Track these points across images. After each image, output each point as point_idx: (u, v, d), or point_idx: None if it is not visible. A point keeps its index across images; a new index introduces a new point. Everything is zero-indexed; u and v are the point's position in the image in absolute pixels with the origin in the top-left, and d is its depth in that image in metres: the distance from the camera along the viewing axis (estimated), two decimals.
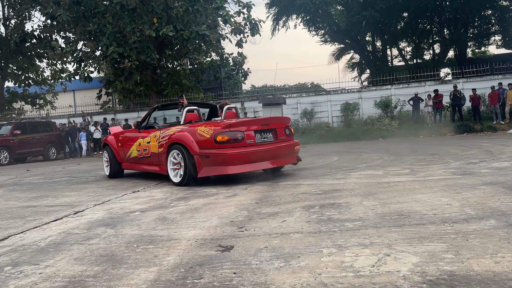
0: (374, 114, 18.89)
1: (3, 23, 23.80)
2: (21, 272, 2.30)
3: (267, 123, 5.88)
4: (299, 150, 6.34)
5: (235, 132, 5.42)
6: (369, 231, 2.69)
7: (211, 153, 5.33)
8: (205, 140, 5.40)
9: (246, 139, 5.46)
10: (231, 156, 5.29)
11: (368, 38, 29.44)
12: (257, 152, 5.47)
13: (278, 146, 5.78)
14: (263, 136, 5.74)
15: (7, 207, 4.81)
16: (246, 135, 5.46)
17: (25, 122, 18.70)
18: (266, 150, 5.58)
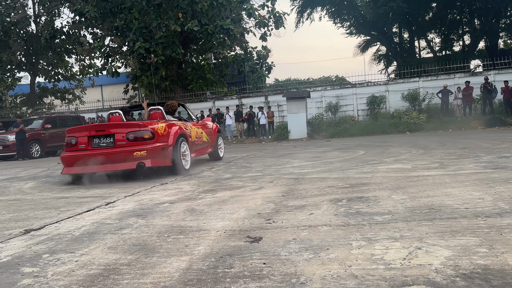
0: (401, 107, 18.54)
1: (34, 20, 24.51)
2: (58, 260, 2.39)
3: (102, 129, 6.24)
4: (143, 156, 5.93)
5: (69, 137, 6.28)
6: (399, 224, 2.67)
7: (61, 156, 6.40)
8: None
9: (78, 144, 6.17)
10: (63, 159, 6.29)
11: (395, 29, 28.87)
12: (87, 156, 6.01)
13: (112, 151, 6.02)
14: (101, 141, 6.16)
15: (41, 198, 4.99)
16: (79, 140, 6.17)
17: (55, 116, 19.25)
18: (97, 155, 6.00)
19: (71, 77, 27.27)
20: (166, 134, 6.26)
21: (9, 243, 2.85)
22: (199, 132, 7.70)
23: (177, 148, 6.37)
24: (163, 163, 6.17)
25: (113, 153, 5.97)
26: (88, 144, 6.13)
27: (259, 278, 1.90)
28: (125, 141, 6.03)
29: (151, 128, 6.06)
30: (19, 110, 25.81)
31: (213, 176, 6.03)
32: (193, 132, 7.37)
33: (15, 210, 4.21)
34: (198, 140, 7.55)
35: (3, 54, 22.76)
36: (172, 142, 6.28)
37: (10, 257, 2.49)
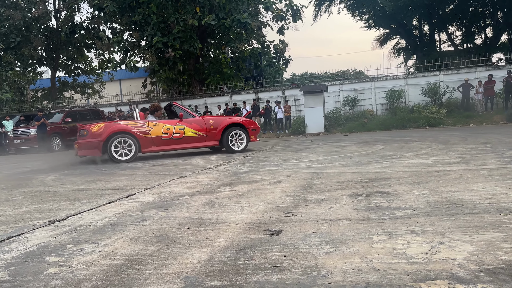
0: (421, 102, 18.27)
1: (54, 16, 24.91)
2: (82, 250, 2.45)
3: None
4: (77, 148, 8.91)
5: None
6: (421, 219, 2.64)
7: None
8: None
9: None
10: None
11: (415, 22, 28.37)
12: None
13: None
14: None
15: (63, 190, 5.10)
16: None
17: (75, 110, 19.60)
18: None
19: (90, 71, 27.69)
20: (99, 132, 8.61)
21: (34, 233, 2.93)
22: (177, 128, 9.00)
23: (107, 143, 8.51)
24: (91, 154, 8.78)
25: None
26: None
27: (280, 270, 1.91)
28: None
29: (87, 128, 8.76)
30: (40, 104, 26.36)
31: (231, 170, 6.06)
32: (158, 128, 8.88)
33: (39, 201, 4.31)
34: (170, 135, 8.95)
35: (24, 49, 23.22)
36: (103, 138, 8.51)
37: (35, 247, 2.56)
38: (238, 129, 9.39)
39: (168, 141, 8.97)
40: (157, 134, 8.83)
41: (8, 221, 3.39)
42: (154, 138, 8.81)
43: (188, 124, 9.15)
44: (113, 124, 8.83)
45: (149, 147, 8.79)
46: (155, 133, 8.82)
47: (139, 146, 8.69)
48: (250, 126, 9.59)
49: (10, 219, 3.45)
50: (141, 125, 8.84)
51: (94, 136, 8.58)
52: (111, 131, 8.54)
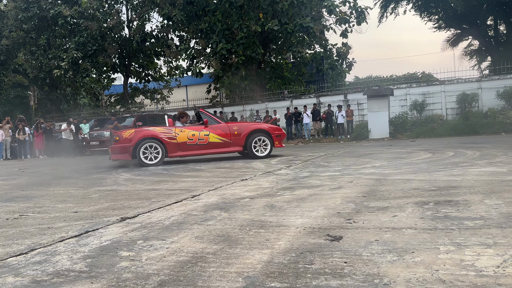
0: (496, 106, 17.05)
1: (127, 25, 26.52)
2: (151, 246, 2.60)
3: None
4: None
5: None
6: (492, 230, 2.49)
7: None
8: None
9: None
10: None
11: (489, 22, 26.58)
12: None
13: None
14: None
15: (134, 189, 5.42)
16: None
17: (146, 114, 20.66)
18: None
19: (159, 78, 29.10)
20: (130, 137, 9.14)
21: (108, 229, 3.15)
22: (202, 134, 9.35)
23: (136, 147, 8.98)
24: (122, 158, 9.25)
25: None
26: None
27: (341, 276, 1.90)
28: None
29: (119, 134, 9.53)
30: (113, 108, 28.15)
31: (291, 174, 6.07)
32: (184, 134, 9.28)
33: (112, 199, 4.63)
34: (195, 141, 9.31)
35: (99, 57, 24.94)
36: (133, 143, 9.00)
37: (109, 242, 2.76)
38: (262, 135, 9.48)
39: (193, 147, 9.32)
40: (183, 140, 9.22)
41: (85, 217, 3.68)
42: (180, 144, 9.22)
43: (213, 130, 9.44)
44: (143, 130, 9.36)
45: (175, 152, 9.23)
46: (181, 138, 9.22)
47: (166, 151, 9.14)
48: (274, 132, 9.59)
49: (87, 215, 3.74)
50: (168, 131, 9.31)
51: (125, 141, 9.10)
52: (140, 137, 9.03)
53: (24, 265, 2.34)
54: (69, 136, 16.77)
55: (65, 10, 23.30)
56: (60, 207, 4.31)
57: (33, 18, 24.39)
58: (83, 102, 32.55)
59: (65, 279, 2.08)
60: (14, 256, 2.53)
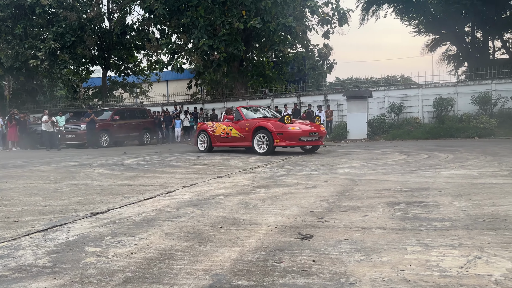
0: (470, 111, 17.46)
1: (107, 17, 26.00)
2: (119, 242, 2.55)
3: None
4: None
5: None
6: (459, 232, 2.54)
7: None
8: None
9: None
10: None
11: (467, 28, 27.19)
12: None
13: None
14: None
15: (107, 184, 5.32)
16: None
17: (124, 108, 20.35)
18: None
19: (139, 72, 28.64)
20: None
21: (77, 224, 3.08)
22: (228, 129, 10.62)
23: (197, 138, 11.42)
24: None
25: None
26: None
27: (308, 275, 1.91)
28: None
29: None
30: (91, 101, 27.59)
31: (268, 172, 6.08)
32: (219, 128, 10.87)
33: (83, 194, 4.53)
34: (224, 134, 10.70)
35: (78, 48, 24.39)
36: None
37: (76, 237, 2.70)
38: (264, 133, 9.65)
39: (223, 139, 10.82)
40: (218, 133, 10.90)
41: (54, 211, 3.59)
42: (216, 136, 10.95)
43: (234, 126, 10.54)
44: (201, 124, 11.90)
45: (215, 142, 11.06)
46: (217, 132, 10.93)
47: (210, 141, 11.13)
48: (276, 130, 9.52)
49: (56, 209, 3.65)
50: (213, 125, 11.26)
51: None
52: (199, 129, 11.65)
53: None
54: (49, 128, 16.35)
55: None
56: (29, 200, 4.19)
57: (10, 6, 23.66)
58: (60, 94, 31.79)
59: (26, 275, 2.02)
60: None
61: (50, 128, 16.41)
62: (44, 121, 16.33)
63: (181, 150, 12.73)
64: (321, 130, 9.96)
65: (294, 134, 9.41)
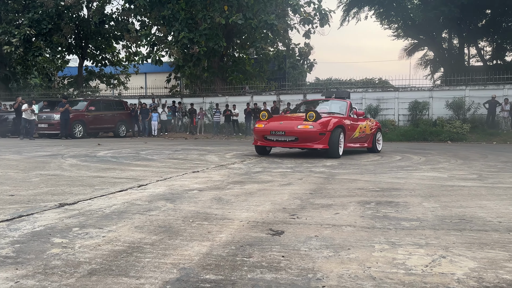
0: (444, 115, 17.93)
1: (86, 5, 25.39)
2: (86, 234, 2.50)
3: None
4: None
5: None
6: (426, 232, 2.60)
7: None
8: None
9: None
10: None
11: (444, 35, 27.86)
12: None
13: None
14: None
15: (78, 175, 5.21)
16: None
17: (100, 99, 19.97)
18: None
19: (117, 63, 28.11)
20: None
21: (44, 214, 3.00)
22: None
23: None
24: None
25: None
26: None
27: (276, 270, 1.91)
28: None
29: None
30: (66, 91, 26.92)
31: (244, 169, 6.08)
32: None
33: (53, 184, 4.42)
34: None
35: (54, 36, 23.75)
36: None
37: (43, 227, 2.63)
38: None
39: None
40: None
41: (21, 200, 3.49)
42: None
43: None
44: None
45: None
46: None
47: None
48: None
49: (23, 199, 3.54)
50: None
51: None
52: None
53: None
54: (29, 116, 15.86)
55: None
56: None
57: None
58: (34, 82, 30.89)
59: None
60: None
61: (31, 116, 15.95)
62: (24, 110, 15.85)
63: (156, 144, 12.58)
64: (298, 130, 7.84)
65: (258, 131, 8.25)
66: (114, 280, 1.78)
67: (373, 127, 9.78)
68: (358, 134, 9.00)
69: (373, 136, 9.71)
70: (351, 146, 8.97)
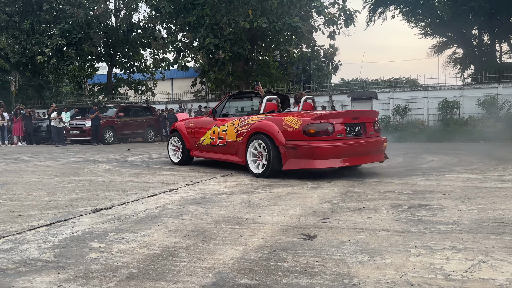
0: (476, 114, 17.39)
1: (114, 14, 26.05)
2: (123, 238, 2.56)
3: (357, 116, 5.66)
4: (386, 147, 6.06)
5: (325, 124, 5.15)
6: (464, 236, 2.53)
7: (299, 145, 5.06)
8: (292, 131, 5.14)
9: (336, 132, 5.17)
10: (320, 149, 4.98)
11: (474, 31, 27.02)
12: (347, 147, 5.17)
13: (368, 141, 5.53)
14: (352, 130, 5.43)
15: (111, 180, 5.33)
16: (336, 128, 5.18)
17: (129, 105, 20.39)
18: (356, 145, 5.29)
19: (144, 69, 28.69)
20: None
21: (80, 219, 3.09)
22: None
23: None
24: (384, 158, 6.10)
25: (371, 143, 5.62)
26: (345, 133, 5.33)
27: (311, 275, 1.90)
28: (373, 131, 5.88)
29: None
30: (96, 98, 27.66)
31: None
32: None
33: (88, 190, 4.54)
34: None
35: (84, 45, 24.46)
36: None
37: (80, 232, 2.71)
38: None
39: None
40: None
41: (59, 206, 3.61)
42: None
43: None
44: None
45: None
46: None
47: None
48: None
49: (60, 205, 3.66)
50: None
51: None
52: None
53: None
54: (58, 124, 16.44)
55: None
56: (33, 195, 4.21)
57: (17, 1, 23.76)
58: (66, 90, 31.89)
59: (31, 268, 2.03)
60: None
61: (59, 124, 16.50)
62: (52, 118, 16.42)
63: None
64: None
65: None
66: (152, 284, 1.81)
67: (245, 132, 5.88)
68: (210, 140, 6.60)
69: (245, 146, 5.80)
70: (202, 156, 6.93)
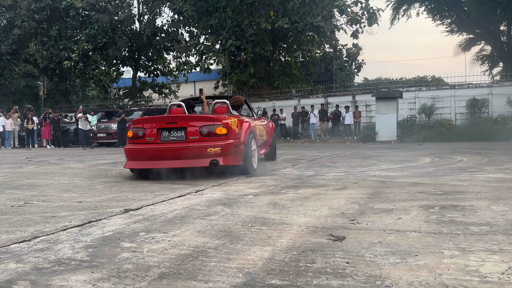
0: (506, 113, 16.87)
1: (138, 19, 26.56)
2: (153, 238, 2.59)
3: (174, 121, 5.67)
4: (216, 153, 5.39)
5: (136, 128, 5.73)
6: (498, 237, 2.45)
7: (126, 148, 5.84)
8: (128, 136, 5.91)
9: (146, 136, 5.61)
10: (129, 152, 5.73)
11: (503, 27, 26.26)
12: (157, 150, 5.52)
13: (184, 146, 5.41)
14: (171, 134, 5.59)
15: (139, 181, 5.43)
16: (147, 132, 5.61)
17: (153, 108, 20.71)
18: (167, 149, 5.49)
19: (168, 72, 29.13)
20: (238, 130, 5.76)
21: (111, 220, 3.15)
22: (261, 129, 7.18)
23: (248, 146, 5.87)
24: (235, 162, 5.66)
25: (186, 148, 5.41)
26: (157, 137, 5.56)
27: (342, 277, 1.88)
28: (198, 136, 5.49)
29: (224, 123, 5.54)
30: (121, 101, 28.23)
31: (296, 173, 6.05)
32: (258, 129, 6.91)
33: (116, 191, 4.64)
34: (260, 138, 7.03)
35: (109, 49, 25.02)
36: (244, 139, 5.77)
37: (111, 232, 2.76)
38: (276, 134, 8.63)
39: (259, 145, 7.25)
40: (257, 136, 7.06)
41: (89, 207, 3.69)
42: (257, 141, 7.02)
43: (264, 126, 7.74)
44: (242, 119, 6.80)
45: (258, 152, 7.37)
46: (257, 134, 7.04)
47: None
48: None
49: (91, 206, 3.74)
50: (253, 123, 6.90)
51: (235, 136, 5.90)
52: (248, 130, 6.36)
53: (26, 252, 2.35)
54: (84, 126, 16.87)
55: (77, 2, 23.39)
56: (64, 196, 4.33)
57: (45, 8, 24.53)
58: (92, 94, 32.68)
59: (66, 268, 2.08)
60: (17, 243, 2.54)
61: (86, 126, 16.91)
62: (78, 117, 16.83)
63: None
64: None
65: None
66: (184, 284, 1.83)
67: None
68: None
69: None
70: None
